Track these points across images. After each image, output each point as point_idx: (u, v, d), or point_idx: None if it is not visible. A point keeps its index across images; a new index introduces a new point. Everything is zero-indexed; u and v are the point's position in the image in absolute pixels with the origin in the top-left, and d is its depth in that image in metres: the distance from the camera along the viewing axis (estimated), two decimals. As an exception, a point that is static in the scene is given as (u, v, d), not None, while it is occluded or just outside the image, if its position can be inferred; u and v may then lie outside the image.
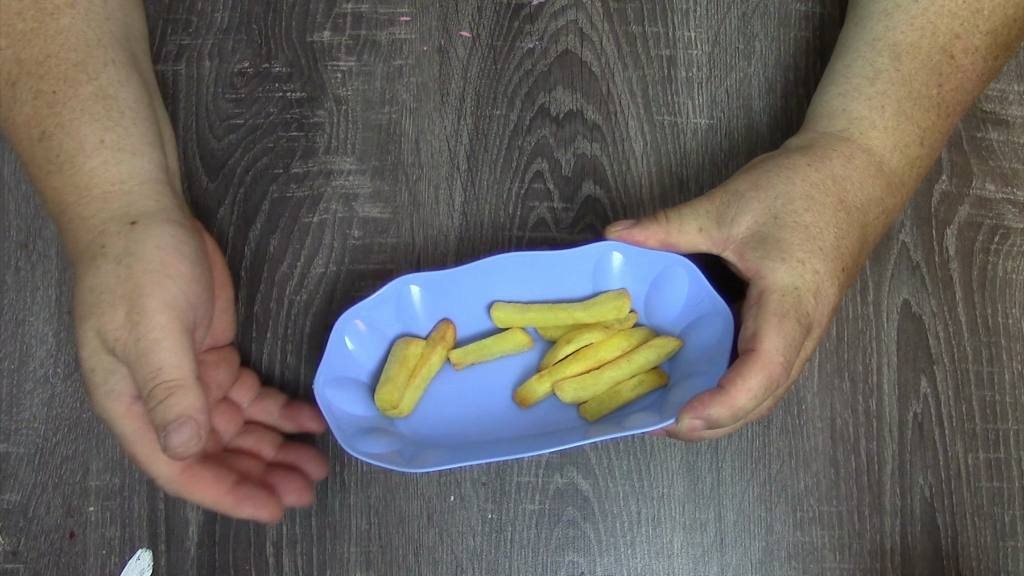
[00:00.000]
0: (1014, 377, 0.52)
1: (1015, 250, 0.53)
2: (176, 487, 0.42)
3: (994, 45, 0.46)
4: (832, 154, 0.44)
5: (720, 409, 0.40)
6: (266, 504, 0.43)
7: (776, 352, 0.40)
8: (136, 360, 0.39)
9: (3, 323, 0.51)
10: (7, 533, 0.49)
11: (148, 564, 0.49)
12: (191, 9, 0.53)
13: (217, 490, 0.42)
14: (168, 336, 0.40)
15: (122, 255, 0.41)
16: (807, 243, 0.42)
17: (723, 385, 0.40)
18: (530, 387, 0.47)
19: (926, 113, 0.45)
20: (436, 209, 0.52)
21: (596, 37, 0.54)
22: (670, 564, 0.50)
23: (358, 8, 0.54)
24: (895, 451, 0.51)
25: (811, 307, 0.42)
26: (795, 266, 0.42)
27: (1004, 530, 0.51)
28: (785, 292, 0.41)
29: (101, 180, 0.42)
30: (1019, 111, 0.55)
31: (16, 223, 0.51)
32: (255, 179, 0.52)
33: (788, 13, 0.55)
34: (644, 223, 0.45)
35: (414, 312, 0.47)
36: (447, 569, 0.50)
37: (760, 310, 0.41)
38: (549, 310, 0.47)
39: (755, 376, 0.40)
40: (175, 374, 0.39)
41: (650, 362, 0.47)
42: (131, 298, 0.40)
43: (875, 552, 0.51)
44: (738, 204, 0.44)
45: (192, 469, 0.42)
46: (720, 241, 0.44)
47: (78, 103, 0.42)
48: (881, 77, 0.45)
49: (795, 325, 0.41)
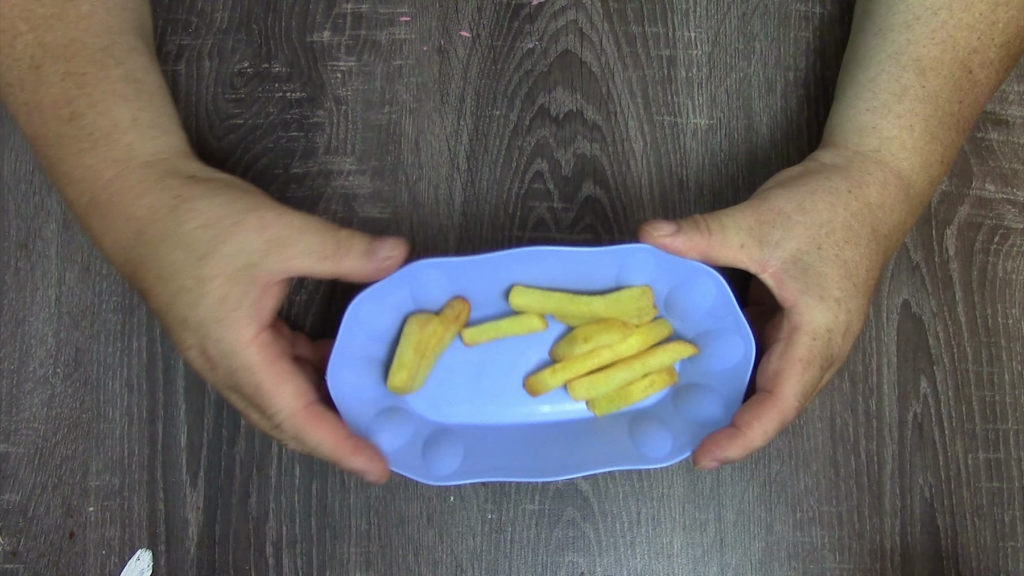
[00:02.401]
0: (1014, 377, 0.52)
1: (1015, 250, 0.53)
2: (296, 422, 0.40)
3: (1007, 57, 0.47)
4: (869, 180, 0.44)
5: (736, 451, 0.41)
6: (376, 458, 0.42)
7: (793, 397, 0.41)
8: (301, 233, 0.40)
9: (3, 323, 0.51)
10: (7, 533, 0.49)
11: (148, 564, 0.49)
12: (191, 9, 0.53)
13: (337, 433, 0.41)
14: (305, 216, 0.41)
15: (208, 192, 0.41)
16: (844, 280, 0.42)
17: (738, 426, 0.42)
18: (542, 379, 0.47)
19: (948, 131, 0.46)
20: (436, 209, 0.52)
21: (596, 37, 0.54)
22: (670, 564, 0.50)
23: (358, 8, 0.54)
24: (895, 451, 0.51)
25: (837, 347, 0.42)
26: (831, 306, 0.42)
27: (1004, 530, 0.51)
28: (817, 335, 0.42)
29: (140, 152, 0.42)
30: (1019, 111, 0.55)
31: (16, 223, 0.51)
32: (255, 179, 0.52)
33: (788, 13, 0.55)
34: (686, 231, 0.43)
35: (429, 296, 0.46)
36: (447, 569, 0.50)
37: (787, 351, 0.42)
38: (569, 300, 0.46)
39: (771, 420, 0.41)
40: (340, 228, 0.41)
41: (662, 364, 0.46)
42: (253, 209, 0.40)
43: (875, 552, 0.51)
44: (784, 226, 0.43)
45: (315, 407, 0.41)
46: (760, 262, 0.43)
47: (108, 85, 0.43)
48: (908, 94, 0.45)
49: (817, 371, 0.42)
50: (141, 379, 0.50)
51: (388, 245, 0.41)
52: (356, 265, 0.41)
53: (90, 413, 0.50)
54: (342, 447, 0.41)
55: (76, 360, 0.50)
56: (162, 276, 0.41)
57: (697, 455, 0.42)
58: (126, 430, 0.50)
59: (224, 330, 0.40)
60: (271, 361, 0.40)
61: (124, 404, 0.50)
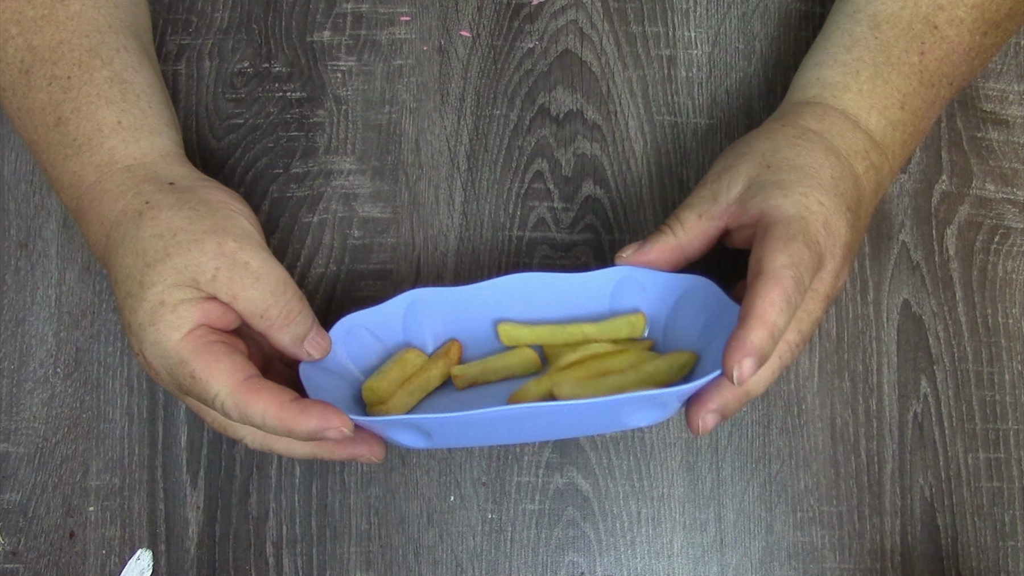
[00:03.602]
0: (1014, 377, 0.52)
1: (1015, 250, 0.53)
2: (236, 398, 0.38)
3: (981, 20, 0.46)
4: (804, 113, 0.44)
5: (759, 333, 0.37)
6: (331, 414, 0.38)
7: (783, 268, 0.38)
8: (255, 282, 0.40)
9: (3, 323, 0.51)
10: (7, 533, 0.49)
11: (148, 564, 0.49)
12: (191, 9, 0.53)
13: (280, 398, 0.38)
14: (270, 256, 0.41)
15: (177, 204, 0.41)
16: (805, 179, 0.41)
17: (745, 314, 0.37)
18: (525, 390, 0.44)
19: (906, 79, 0.45)
20: (436, 209, 0.52)
21: (596, 37, 0.54)
22: (670, 564, 0.50)
23: (358, 8, 0.54)
24: (895, 451, 0.51)
25: (821, 236, 0.40)
26: (798, 199, 0.40)
27: (1004, 530, 0.51)
28: (791, 221, 0.39)
29: (122, 156, 0.42)
30: (1019, 111, 0.55)
31: (16, 223, 0.51)
32: (255, 179, 0.52)
33: (788, 13, 0.55)
34: (652, 239, 0.43)
35: (420, 327, 0.46)
36: (447, 569, 0.50)
37: (764, 237, 0.39)
38: (559, 327, 0.46)
39: (770, 291, 0.37)
40: (296, 290, 0.41)
41: (660, 373, 0.43)
42: (216, 232, 0.40)
43: (875, 552, 0.51)
44: (729, 174, 0.43)
45: (253, 380, 0.39)
46: (720, 213, 0.42)
47: (93, 88, 0.43)
48: (858, 45, 0.45)
49: (803, 247, 0.38)
50: (141, 379, 0.50)
51: (314, 346, 0.43)
52: (285, 345, 0.42)
53: (90, 413, 0.50)
54: (288, 411, 0.37)
55: (76, 360, 0.50)
56: (116, 280, 0.41)
57: (726, 363, 0.37)
58: (126, 430, 0.50)
59: (157, 332, 0.39)
60: (203, 348, 0.39)
61: (124, 404, 0.50)
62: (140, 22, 0.47)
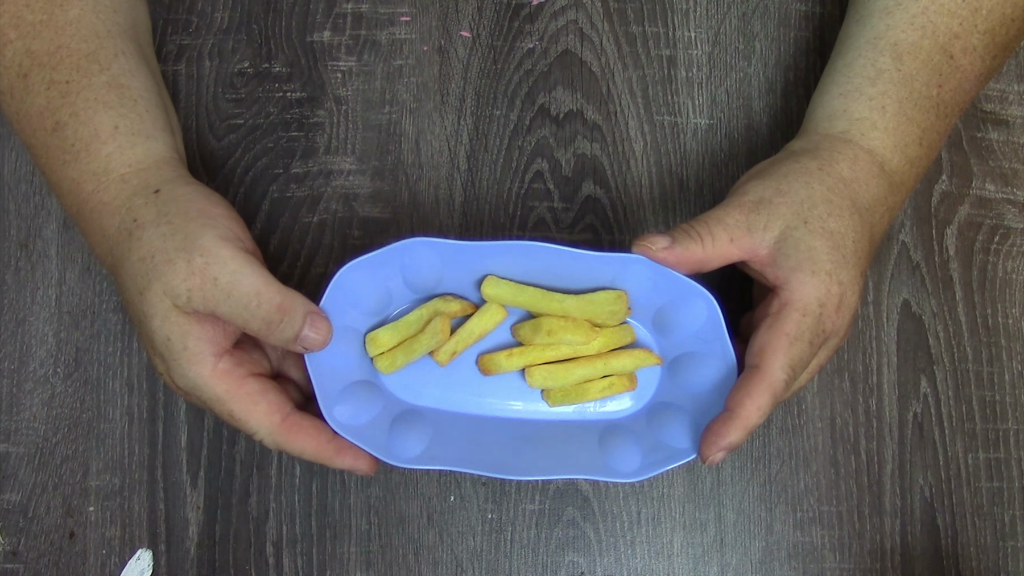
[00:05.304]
0: (1014, 377, 0.52)
1: (1015, 250, 0.53)
2: (276, 438, 0.42)
3: (992, 45, 0.46)
4: (838, 156, 0.44)
5: (736, 434, 0.41)
6: (361, 455, 0.43)
7: (780, 370, 0.41)
8: (226, 298, 0.40)
9: (3, 323, 0.51)
10: (7, 533, 0.49)
11: (148, 564, 0.49)
12: (191, 9, 0.53)
13: (318, 439, 0.42)
14: (242, 264, 0.40)
15: (157, 218, 0.41)
16: (833, 251, 0.42)
17: (731, 408, 0.41)
18: (497, 360, 0.47)
19: (926, 114, 0.46)
20: (436, 209, 0.52)
21: (596, 37, 0.54)
22: (670, 564, 0.50)
23: (358, 8, 0.54)
24: (895, 451, 0.51)
25: (831, 322, 0.42)
26: (823, 279, 0.42)
27: (1004, 530, 0.51)
28: (807, 311, 0.41)
29: (118, 163, 0.43)
30: (1019, 111, 0.55)
31: (16, 223, 0.51)
32: (255, 179, 0.52)
33: (788, 13, 0.55)
34: (681, 241, 0.43)
35: (418, 275, 0.46)
36: (447, 569, 0.50)
37: (775, 324, 0.41)
38: (542, 296, 0.46)
39: (761, 395, 0.41)
40: (274, 295, 0.40)
41: (625, 369, 0.47)
42: (185, 248, 0.40)
43: (875, 552, 0.51)
44: (768, 211, 0.43)
45: (292, 419, 0.42)
46: (751, 248, 0.43)
47: (91, 92, 0.43)
48: (882, 77, 0.45)
49: (806, 346, 0.41)
50: (141, 379, 0.50)
51: (310, 341, 0.42)
52: (280, 347, 0.42)
53: (90, 413, 0.50)
54: (324, 451, 0.43)
55: (76, 360, 0.50)
56: (124, 300, 0.43)
57: (702, 450, 0.41)
58: (126, 430, 0.50)
59: (183, 367, 0.41)
60: (237, 386, 0.41)
61: (124, 404, 0.50)
62: (139, 26, 0.48)
